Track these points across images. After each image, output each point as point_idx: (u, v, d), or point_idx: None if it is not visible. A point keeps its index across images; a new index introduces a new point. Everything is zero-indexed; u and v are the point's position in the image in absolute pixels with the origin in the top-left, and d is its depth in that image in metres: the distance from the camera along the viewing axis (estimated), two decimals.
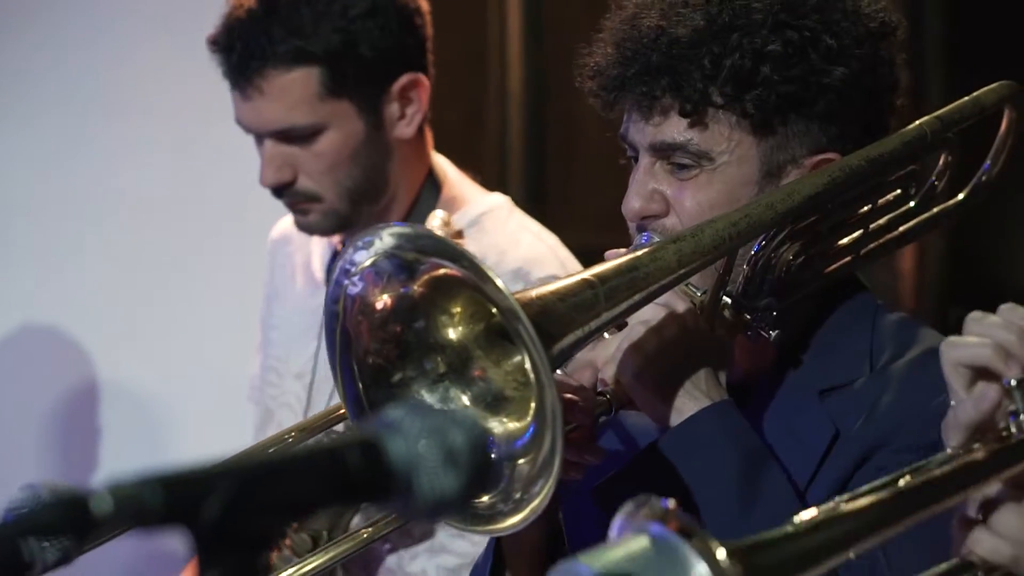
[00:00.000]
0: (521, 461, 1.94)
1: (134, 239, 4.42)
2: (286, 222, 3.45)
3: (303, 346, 3.34)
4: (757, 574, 1.48)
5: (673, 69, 2.20)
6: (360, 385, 1.99)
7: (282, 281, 3.47)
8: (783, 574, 1.55)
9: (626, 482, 2.22)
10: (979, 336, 1.82)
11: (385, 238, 1.94)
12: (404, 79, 3.20)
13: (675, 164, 2.23)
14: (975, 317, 1.86)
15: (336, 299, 1.98)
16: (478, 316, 1.99)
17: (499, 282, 1.85)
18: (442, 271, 1.93)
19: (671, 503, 1.45)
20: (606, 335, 2.19)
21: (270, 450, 2.14)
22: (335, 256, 3.33)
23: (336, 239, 3.35)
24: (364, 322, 1.98)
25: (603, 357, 2.18)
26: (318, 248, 3.41)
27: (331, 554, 2.05)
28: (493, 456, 1.95)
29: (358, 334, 1.98)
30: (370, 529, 2.04)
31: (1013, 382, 1.77)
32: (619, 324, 2.18)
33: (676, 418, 2.15)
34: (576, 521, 2.25)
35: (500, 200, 3.34)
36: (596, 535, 2.29)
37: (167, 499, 1.14)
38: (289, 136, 3.17)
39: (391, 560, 3.09)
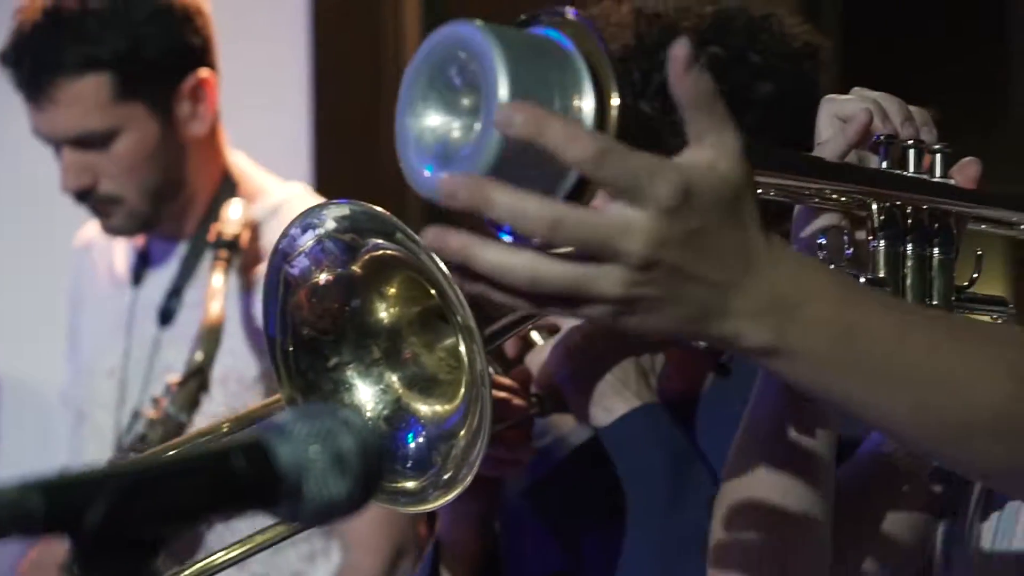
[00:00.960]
0: (451, 442, 1.92)
1: (35, 234, 4.42)
2: (87, 231, 3.57)
3: (112, 345, 3.42)
4: (629, 133, 1.47)
5: None
6: (293, 366, 1.98)
7: (87, 287, 3.56)
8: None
9: (558, 482, 2.25)
10: (860, 96, 1.86)
11: (326, 220, 1.93)
12: (192, 78, 3.29)
13: None
14: (858, 88, 1.89)
15: (275, 283, 1.97)
16: (414, 299, 1.98)
17: (433, 254, 1.84)
18: (381, 252, 1.92)
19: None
20: (540, 340, 2.20)
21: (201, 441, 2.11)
22: (139, 256, 3.45)
23: (139, 239, 3.45)
24: (304, 304, 1.97)
25: (536, 361, 2.19)
26: (120, 250, 3.50)
27: (227, 557, 2.03)
28: (421, 441, 1.94)
29: (296, 315, 1.97)
30: (268, 535, 2.02)
31: (882, 137, 1.81)
32: (552, 328, 2.19)
33: (606, 418, 2.17)
34: (513, 530, 2.27)
35: (298, 189, 3.47)
36: (532, 542, 2.31)
37: (49, 505, 1.11)
38: (86, 142, 3.24)
39: None
